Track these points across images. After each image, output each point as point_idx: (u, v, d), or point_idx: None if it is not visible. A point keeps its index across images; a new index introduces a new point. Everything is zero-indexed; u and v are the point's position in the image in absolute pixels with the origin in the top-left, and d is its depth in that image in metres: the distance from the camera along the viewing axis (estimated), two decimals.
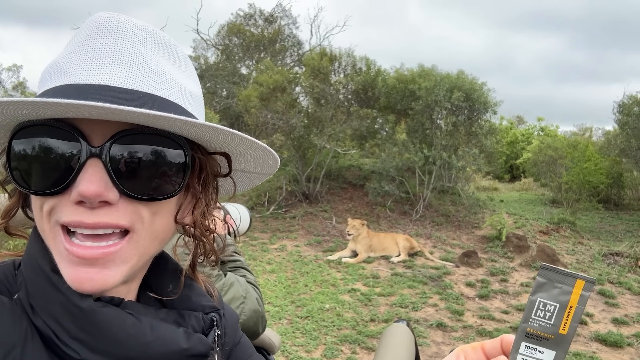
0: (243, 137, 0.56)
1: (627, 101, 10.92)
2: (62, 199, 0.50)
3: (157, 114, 0.46)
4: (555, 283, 0.50)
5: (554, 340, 0.50)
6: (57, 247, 0.51)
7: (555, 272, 0.51)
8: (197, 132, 0.53)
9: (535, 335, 0.50)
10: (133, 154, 0.51)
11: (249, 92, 10.61)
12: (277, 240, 8.36)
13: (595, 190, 11.43)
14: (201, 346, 0.57)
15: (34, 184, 0.50)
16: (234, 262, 1.57)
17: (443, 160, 9.23)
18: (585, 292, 0.50)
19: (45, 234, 0.52)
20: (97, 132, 0.50)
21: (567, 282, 0.50)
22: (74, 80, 0.51)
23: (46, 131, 0.50)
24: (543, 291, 0.50)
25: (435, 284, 6.15)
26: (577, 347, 4.47)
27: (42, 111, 0.48)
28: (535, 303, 0.50)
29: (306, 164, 10.73)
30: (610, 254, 7.61)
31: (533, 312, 0.50)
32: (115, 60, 0.52)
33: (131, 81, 0.52)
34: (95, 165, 0.49)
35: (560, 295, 0.50)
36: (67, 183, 0.49)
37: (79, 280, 0.49)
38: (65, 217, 0.49)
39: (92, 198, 0.48)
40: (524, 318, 0.51)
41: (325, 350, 4.23)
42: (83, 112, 0.47)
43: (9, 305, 0.51)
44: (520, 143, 19.49)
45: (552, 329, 0.50)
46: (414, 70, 10.07)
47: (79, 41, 0.54)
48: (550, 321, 0.50)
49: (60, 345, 0.50)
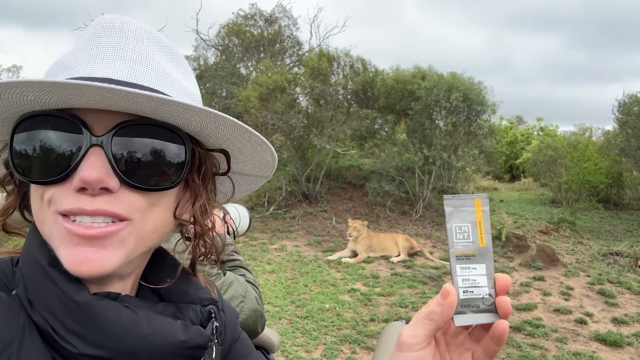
0: (242, 126, 0.56)
1: (627, 100, 10.92)
2: (63, 188, 0.50)
3: (160, 97, 0.48)
4: (460, 208, 0.57)
5: (479, 255, 0.56)
6: (57, 231, 0.51)
7: (456, 199, 0.57)
8: (199, 121, 0.54)
9: (463, 255, 0.56)
10: (134, 145, 0.52)
11: (248, 92, 10.61)
12: (277, 240, 8.36)
13: (595, 190, 11.44)
14: (199, 338, 0.57)
15: (36, 173, 0.51)
16: (233, 262, 1.57)
17: (443, 160, 9.24)
18: (485, 207, 0.57)
19: (44, 223, 0.53)
20: (99, 123, 0.51)
21: (468, 204, 0.57)
22: (77, 74, 0.52)
23: (49, 121, 0.51)
24: (454, 217, 0.57)
25: (435, 284, 6.15)
26: (577, 346, 4.47)
27: (48, 96, 0.48)
28: (452, 229, 0.57)
29: (306, 164, 10.73)
30: (610, 254, 7.61)
31: (454, 237, 0.56)
32: (118, 57, 0.53)
33: (134, 76, 0.53)
34: (97, 153, 0.50)
35: (468, 215, 0.57)
36: (68, 171, 0.50)
37: (77, 260, 0.50)
38: (66, 205, 0.50)
39: (93, 184, 0.49)
40: (450, 244, 0.57)
41: (325, 350, 4.23)
42: (87, 98, 0.48)
43: (7, 300, 0.51)
44: (520, 143, 19.50)
45: (473, 245, 0.56)
46: (412, 71, 10.08)
47: (84, 40, 0.55)
48: (469, 240, 0.56)
49: (57, 339, 0.51)
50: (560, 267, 6.82)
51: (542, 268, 6.74)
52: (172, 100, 0.48)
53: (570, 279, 6.46)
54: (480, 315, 0.55)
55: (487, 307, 0.55)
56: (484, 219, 0.57)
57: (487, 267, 0.56)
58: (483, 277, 0.56)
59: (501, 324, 0.54)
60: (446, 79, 9.38)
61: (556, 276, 6.54)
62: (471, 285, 0.55)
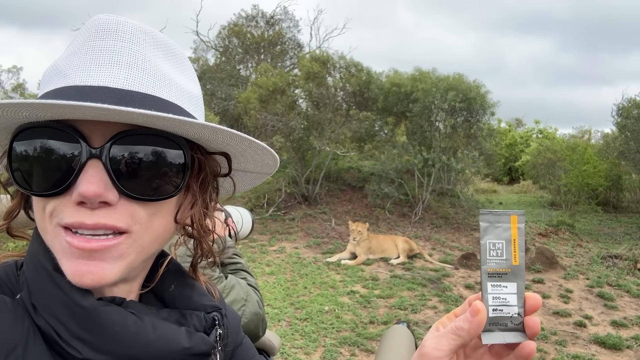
0: (242, 136, 0.56)
1: (626, 104, 10.95)
2: (64, 200, 0.50)
3: (155, 114, 0.47)
4: (495, 224, 0.56)
5: (511, 273, 0.55)
6: (59, 244, 0.51)
7: (492, 214, 0.56)
8: (196, 132, 0.53)
9: (495, 273, 0.55)
10: (133, 155, 0.51)
11: (248, 94, 10.62)
12: (276, 242, 8.35)
13: (594, 192, 11.46)
14: (203, 345, 0.57)
15: (35, 185, 0.51)
16: (235, 265, 1.56)
17: (442, 162, 9.24)
18: (520, 224, 0.56)
19: (46, 233, 0.53)
20: (97, 134, 0.51)
21: (503, 220, 0.56)
22: (73, 82, 0.51)
23: (46, 133, 0.50)
24: (488, 233, 0.56)
25: (435, 286, 6.15)
26: (576, 349, 4.47)
27: (42, 113, 0.48)
28: (486, 245, 0.55)
29: (305, 166, 10.73)
30: (609, 257, 7.61)
31: (487, 254, 0.55)
32: (114, 62, 0.52)
33: (130, 82, 0.52)
34: (95, 166, 0.49)
35: (503, 232, 0.56)
36: (67, 184, 0.49)
37: (79, 273, 0.50)
38: (67, 219, 0.50)
39: (92, 198, 0.48)
40: (482, 261, 0.56)
41: (324, 353, 4.22)
42: (82, 113, 0.47)
43: (11, 305, 0.51)
44: (519, 145, 19.54)
45: (506, 263, 0.55)
46: (409, 73, 10.09)
47: (79, 43, 0.54)
48: (502, 257, 0.55)
49: (62, 344, 0.50)
50: (560, 270, 6.82)
51: (541, 271, 6.74)
52: (166, 117, 0.48)
53: (570, 281, 6.46)
54: (508, 334, 0.55)
55: (515, 326, 0.55)
56: (518, 237, 0.56)
57: (519, 285, 0.55)
58: (514, 295, 0.55)
59: (529, 345, 0.54)
60: (450, 80, 9.36)
61: (555, 279, 6.55)
62: (501, 304, 0.55)
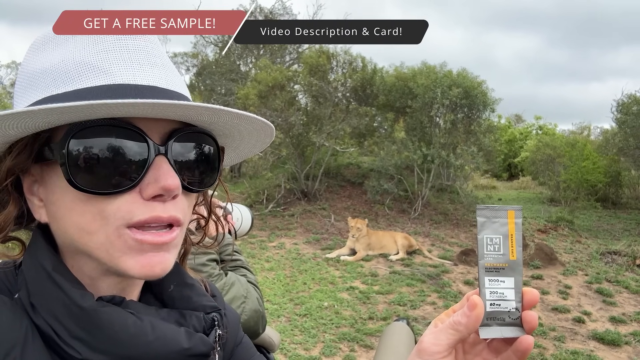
0: (266, 124, 0.61)
1: (626, 100, 10.93)
2: (129, 198, 0.50)
3: (218, 108, 0.51)
4: (492, 219, 0.56)
5: (509, 268, 0.56)
6: (122, 242, 0.51)
7: (489, 209, 0.56)
8: (226, 122, 0.58)
9: (493, 267, 0.56)
10: (189, 151, 0.55)
11: (247, 90, 10.60)
12: (275, 238, 8.36)
13: (593, 189, 11.47)
14: (202, 346, 0.57)
15: (99, 184, 0.49)
16: (235, 262, 1.56)
17: (442, 158, 9.23)
18: (517, 219, 0.56)
19: (96, 235, 0.51)
20: (152, 131, 0.52)
21: (501, 215, 0.56)
22: (122, 80, 0.51)
23: (108, 131, 0.50)
24: (486, 228, 0.56)
25: (434, 282, 6.16)
26: (575, 345, 4.48)
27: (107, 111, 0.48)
28: (484, 240, 0.56)
29: (305, 162, 10.72)
30: (608, 253, 7.63)
31: (484, 249, 0.56)
32: (150, 63, 0.54)
33: (168, 83, 0.55)
34: (165, 162, 0.52)
35: (500, 227, 0.56)
36: (137, 181, 0.50)
37: (149, 264, 0.52)
38: (140, 216, 0.50)
39: (175, 191, 0.51)
40: (479, 256, 0.56)
41: (323, 348, 4.23)
42: (144, 111, 0.49)
43: (10, 304, 0.51)
44: (519, 141, 19.53)
45: (504, 258, 0.56)
46: (415, 68, 10.06)
47: (109, 40, 0.53)
48: (500, 252, 0.56)
49: (61, 344, 0.50)
50: (559, 266, 6.84)
51: (540, 267, 6.76)
52: (229, 110, 0.53)
53: (569, 277, 6.48)
54: (506, 328, 0.55)
55: (512, 320, 0.55)
56: (516, 232, 0.56)
57: (516, 280, 0.56)
58: (511, 290, 0.56)
59: (526, 339, 0.54)
60: (453, 76, 9.33)
61: (554, 275, 6.56)
62: (499, 299, 0.55)
